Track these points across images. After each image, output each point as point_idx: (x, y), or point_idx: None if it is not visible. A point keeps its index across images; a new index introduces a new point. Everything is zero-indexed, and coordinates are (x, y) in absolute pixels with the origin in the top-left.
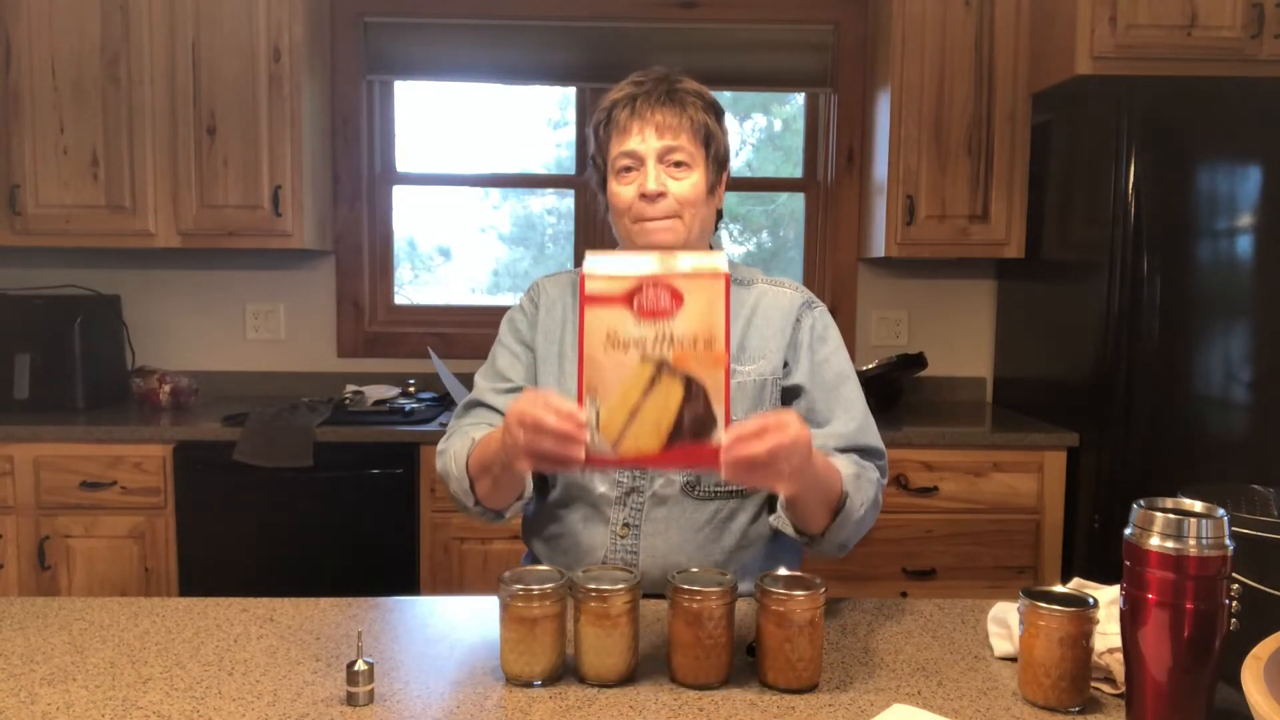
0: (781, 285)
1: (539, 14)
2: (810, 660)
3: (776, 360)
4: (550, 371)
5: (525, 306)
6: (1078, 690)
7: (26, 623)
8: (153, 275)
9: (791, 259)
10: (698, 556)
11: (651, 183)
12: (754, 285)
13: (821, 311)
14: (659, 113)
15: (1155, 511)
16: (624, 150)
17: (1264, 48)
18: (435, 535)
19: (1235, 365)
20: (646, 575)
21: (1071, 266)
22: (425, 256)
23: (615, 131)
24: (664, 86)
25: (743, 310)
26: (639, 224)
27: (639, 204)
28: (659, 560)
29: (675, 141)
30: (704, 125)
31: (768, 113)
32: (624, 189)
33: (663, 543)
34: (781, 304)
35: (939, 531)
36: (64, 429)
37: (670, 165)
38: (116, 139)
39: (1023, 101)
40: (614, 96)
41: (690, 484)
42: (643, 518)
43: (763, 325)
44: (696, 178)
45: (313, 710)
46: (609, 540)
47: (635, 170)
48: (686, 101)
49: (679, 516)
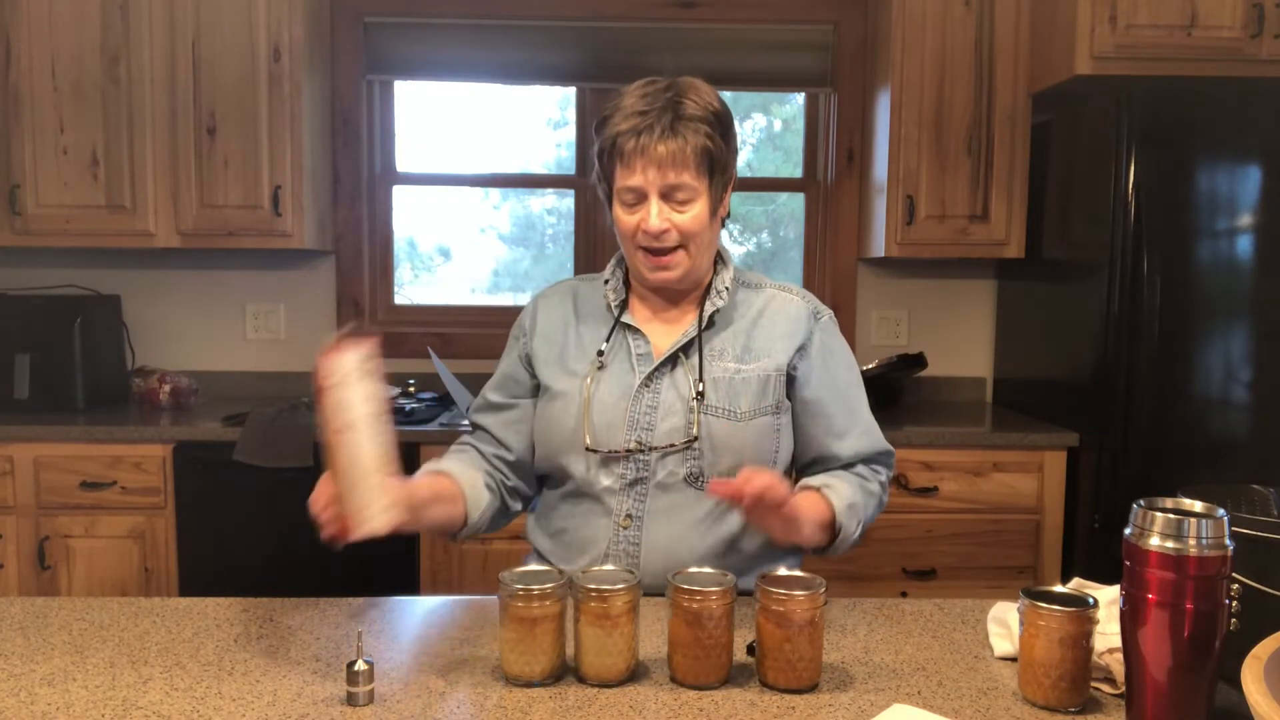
0: (790, 292)
1: (539, 14)
2: (810, 660)
3: (782, 360)
4: (554, 373)
5: (523, 322)
6: (1078, 690)
7: (26, 623)
8: (153, 275)
9: (791, 259)
10: (699, 547)
11: (654, 221)
12: (763, 290)
13: (828, 320)
14: (662, 145)
15: (1155, 511)
16: (627, 185)
17: (1264, 48)
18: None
19: (1235, 365)
20: (647, 567)
21: (1071, 266)
22: (425, 256)
23: (619, 163)
24: (669, 117)
25: (749, 312)
26: (642, 255)
27: (641, 236)
28: (660, 551)
29: (678, 180)
30: (706, 151)
31: (768, 113)
32: (629, 219)
33: (665, 533)
34: (790, 310)
35: (939, 531)
36: (64, 429)
37: (674, 202)
38: (116, 139)
39: (1023, 101)
40: (620, 126)
41: (693, 475)
42: (645, 509)
43: (769, 327)
44: (699, 208)
45: (313, 710)
46: (612, 532)
47: (638, 205)
48: (685, 130)
49: (681, 507)
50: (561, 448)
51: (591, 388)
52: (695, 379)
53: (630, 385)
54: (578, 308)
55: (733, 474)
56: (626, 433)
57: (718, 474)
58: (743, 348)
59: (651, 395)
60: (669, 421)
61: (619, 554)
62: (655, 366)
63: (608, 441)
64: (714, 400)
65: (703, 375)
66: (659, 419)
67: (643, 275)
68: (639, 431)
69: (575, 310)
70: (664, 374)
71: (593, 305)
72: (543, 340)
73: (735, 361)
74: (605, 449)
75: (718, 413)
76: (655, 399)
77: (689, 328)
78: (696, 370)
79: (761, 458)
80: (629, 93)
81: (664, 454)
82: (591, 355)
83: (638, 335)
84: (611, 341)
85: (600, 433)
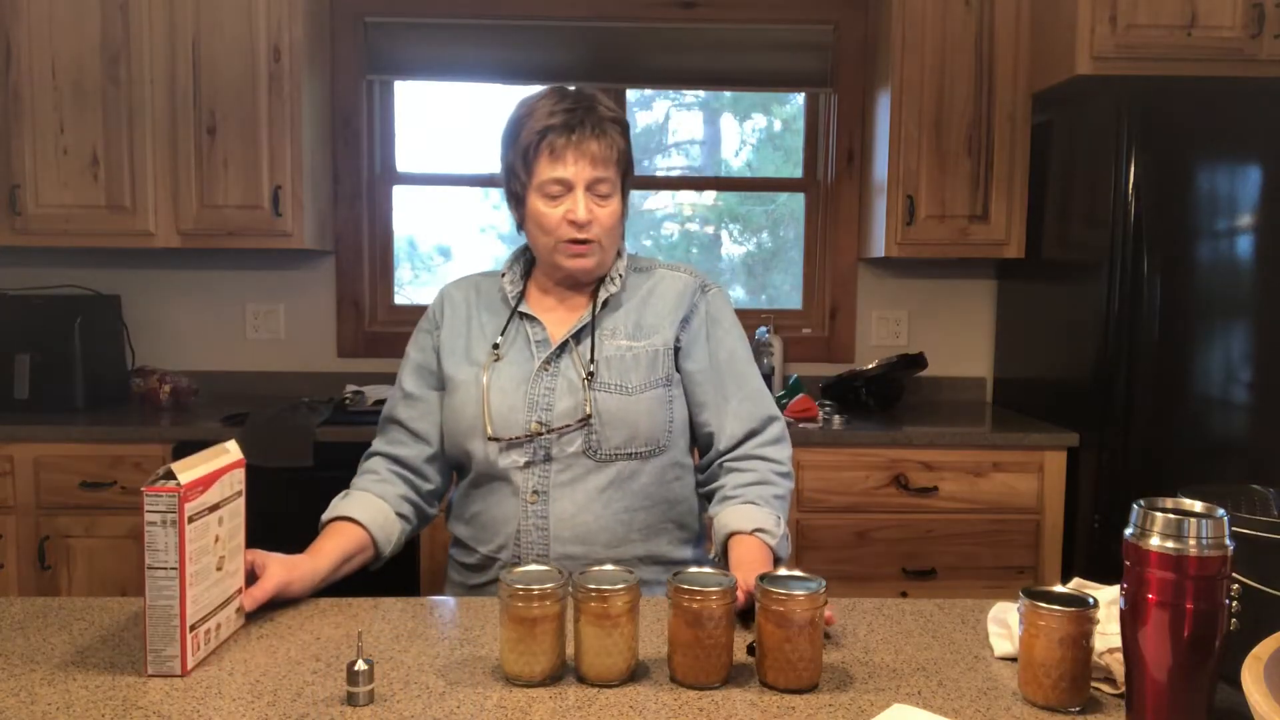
0: (678, 270)
1: (539, 14)
2: (810, 660)
3: (669, 334)
4: (458, 364)
5: (433, 315)
6: (1078, 690)
7: (26, 623)
8: (153, 275)
9: (791, 259)
10: (604, 514)
11: (582, 211)
12: (653, 271)
13: (715, 294)
14: (592, 143)
15: (1155, 511)
16: (555, 177)
17: (1264, 48)
18: (435, 535)
19: (1235, 365)
20: (557, 536)
21: (1071, 266)
22: (425, 256)
23: (547, 156)
24: (593, 117)
25: (640, 292)
26: (563, 246)
27: (566, 227)
28: (567, 522)
29: (605, 174)
30: (623, 153)
31: (768, 113)
32: (551, 211)
33: (570, 505)
34: (676, 287)
35: (939, 531)
36: (64, 429)
37: (596, 195)
38: (116, 139)
39: (1023, 101)
40: (546, 122)
41: (591, 449)
42: (549, 484)
43: (657, 304)
44: (615, 204)
45: (313, 710)
46: (521, 509)
47: (562, 197)
48: (610, 130)
49: (582, 478)
50: (466, 435)
51: (489, 377)
52: (588, 359)
53: (529, 371)
54: (479, 300)
55: (628, 446)
56: (527, 414)
57: (614, 446)
58: (634, 325)
59: (549, 378)
60: (565, 401)
61: (529, 528)
62: (551, 351)
63: (508, 427)
64: (606, 378)
65: (595, 356)
66: (556, 399)
67: (560, 265)
68: (539, 412)
69: (477, 303)
70: (562, 358)
71: (491, 298)
72: (449, 332)
73: (627, 339)
74: (506, 436)
75: (610, 389)
76: (553, 381)
77: (584, 314)
78: (589, 352)
79: (655, 429)
80: (542, 99)
81: (561, 433)
82: (489, 347)
83: (535, 323)
84: (508, 332)
85: (500, 417)
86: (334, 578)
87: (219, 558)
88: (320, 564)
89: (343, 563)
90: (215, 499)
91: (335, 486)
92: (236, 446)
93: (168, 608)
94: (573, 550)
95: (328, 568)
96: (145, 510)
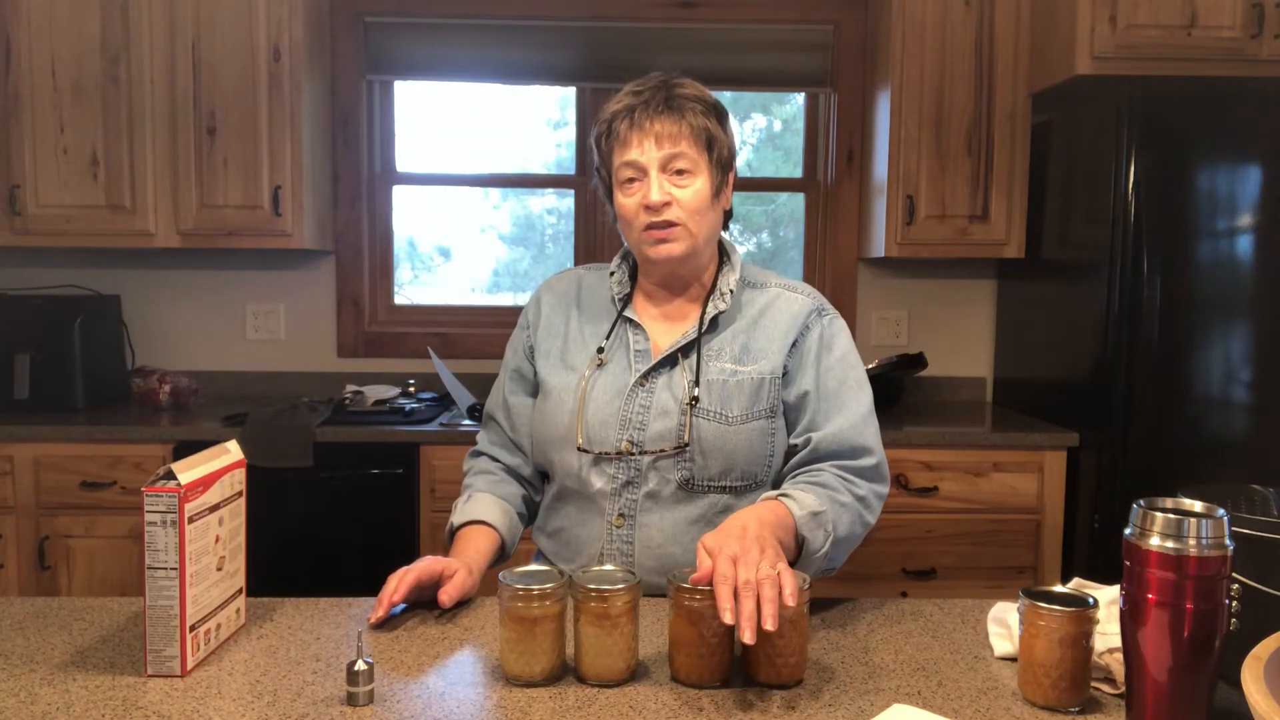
0: (795, 290)
1: (539, 14)
2: (793, 656)
3: (777, 361)
4: (553, 368)
5: (527, 313)
6: (1078, 690)
7: (26, 623)
8: (153, 275)
9: (791, 259)
10: (692, 548)
11: (655, 193)
12: (767, 288)
13: (831, 319)
14: (658, 122)
15: (1155, 511)
16: (626, 161)
17: (1264, 48)
18: (435, 535)
19: (1235, 365)
20: (641, 565)
21: (1071, 266)
22: (425, 256)
23: (616, 143)
24: (662, 94)
25: (751, 310)
26: (645, 235)
27: (644, 214)
28: (654, 551)
29: (676, 149)
30: (704, 129)
31: (768, 113)
32: (629, 200)
33: (657, 534)
34: (791, 309)
35: (939, 531)
36: (64, 429)
37: (673, 174)
38: (116, 139)
39: (1023, 101)
40: (613, 108)
41: (686, 480)
42: (637, 509)
43: (768, 327)
44: (700, 184)
45: (313, 710)
46: (606, 532)
47: (639, 181)
48: (685, 108)
49: (672, 507)
50: (555, 444)
51: (588, 385)
52: (691, 381)
53: (625, 383)
54: (581, 298)
55: (723, 478)
56: (619, 432)
57: (708, 478)
58: (741, 348)
59: (646, 394)
60: (659, 423)
61: (614, 553)
62: (652, 365)
63: (600, 441)
64: (706, 404)
65: (699, 379)
66: (651, 419)
67: (645, 254)
68: (631, 431)
69: (579, 301)
70: (661, 374)
71: (596, 296)
72: (546, 332)
73: (733, 363)
74: (597, 449)
75: (710, 416)
76: (649, 399)
77: (690, 329)
78: (693, 373)
79: (754, 462)
80: (623, 90)
81: (656, 459)
82: (592, 350)
83: (638, 330)
84: (612, 337)
85: (593, 431)
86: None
87: (219, 558)
88: (482, 564)
89: (489, 561)
90: (215, 499)
91: (335, 486)
92: (237, 447)
93: (168, 608)
94: (655, 580)
95: (486, 561)
96: (145, 510)
